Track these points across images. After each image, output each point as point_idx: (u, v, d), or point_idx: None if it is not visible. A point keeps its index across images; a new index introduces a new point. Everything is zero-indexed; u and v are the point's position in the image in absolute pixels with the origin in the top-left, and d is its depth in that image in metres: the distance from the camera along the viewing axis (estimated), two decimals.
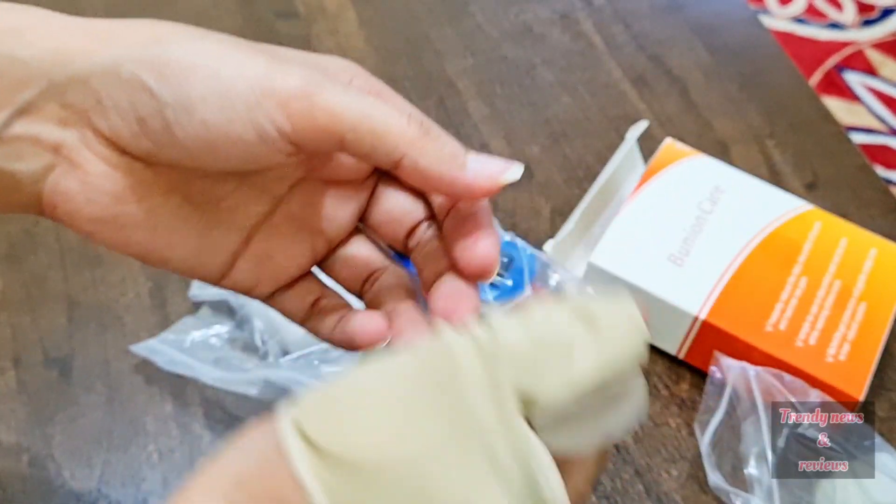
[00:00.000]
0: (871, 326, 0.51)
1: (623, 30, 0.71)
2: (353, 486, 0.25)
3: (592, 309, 0.27)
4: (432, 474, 0.25)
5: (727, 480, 0.47)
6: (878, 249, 0.54)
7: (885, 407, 0.52)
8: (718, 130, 0.65)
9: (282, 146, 0.28)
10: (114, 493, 0.47)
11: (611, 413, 0.28)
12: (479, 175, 0.29)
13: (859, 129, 1.33)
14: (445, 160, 0.29)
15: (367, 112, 0.28)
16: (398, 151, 0.28)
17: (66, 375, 0.52)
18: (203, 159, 0.29)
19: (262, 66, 0.28)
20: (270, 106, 0.27)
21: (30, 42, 0.28)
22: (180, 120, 0.27)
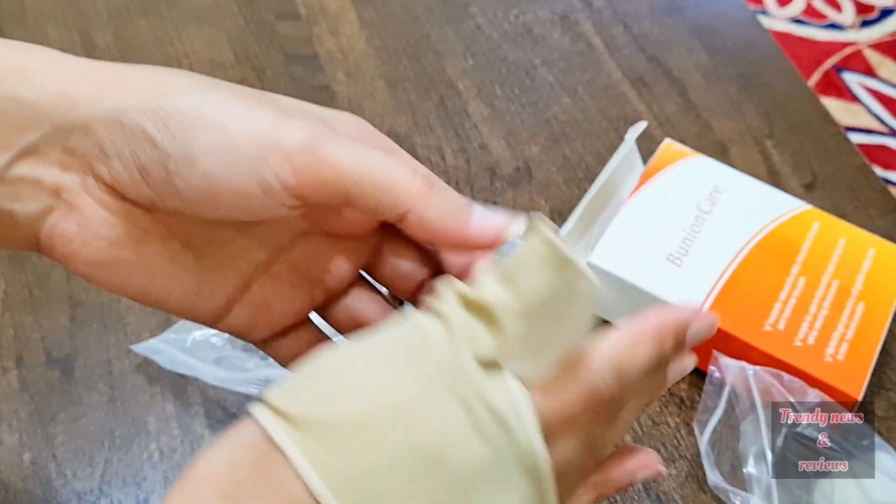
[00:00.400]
0: (870, 326, 0.51)
1: (623, 31, 0.71)
2: (334, 445, 0.25)
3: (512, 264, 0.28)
4: (411, 422, 0.26)
5: (726, 480, 0.47)
6: (877, 249, 0.54)
7: (884, 406, 0.52)
8: (717, 131, 0.65)
9: (285, 199, 0.28)
10: (115, 492, 0.48)
11: (566, 319, 0.28)
12: (483, 228, 0.29)
13: (858, 130, 1.33)
14: (450, 214, 0.29)
15: (372, 166, 0.28)
16: (403, 206, 0.28)
17: (68, 375, 0.52)
18: (204, 209, 0.29)
19: (268, 119, 0.28)
20: (275, 160, 0.27)
21: (35, 84, 0.28)
22: (182, 171, 0.27)
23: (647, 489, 0.49)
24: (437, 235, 0.29)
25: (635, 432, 0.51)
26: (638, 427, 0.51)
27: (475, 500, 0.26)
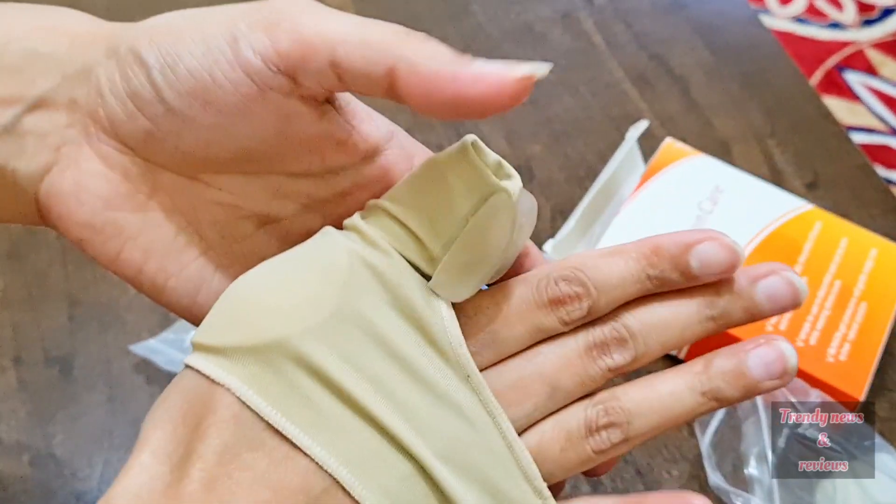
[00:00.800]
0: (872, 326, 0.51)
1: (624, 29, 0.71)
2: (264, 363, 0.26)
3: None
4: (341, 333, 0.26)
5: (728, 480, 0.47)
6: (879, 249, 0.54)
7: (886, 407, 0.52)
8: (719, 130, 0.65)
9: (271, 79, 0.26)
10: None
11: (491, 238, 0.28)
12: (487, 71, 0.25)
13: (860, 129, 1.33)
14: (445, 60, 0.25)
15: (357, 25, 0.26)
16: (393, 55, 0.25)
17: (67, 374, 0.52)
18: (200, 120, 0.27)
19: (243, 6, 0.27)
20: (254, 36, 0.26)
21: (54, 39, 0.28)
22: (167, 78, 0.26)
23: (649, 490, 0.49)
24: (434, 85, 0.25)
25: None
26: None
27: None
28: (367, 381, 0.26)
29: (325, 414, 0.26)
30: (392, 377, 0.26)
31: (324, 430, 0.25)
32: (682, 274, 0.28)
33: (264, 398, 0.25)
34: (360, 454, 0.26)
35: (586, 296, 0.28)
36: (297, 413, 0.25)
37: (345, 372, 0.26)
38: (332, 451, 0.25)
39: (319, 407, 0.26)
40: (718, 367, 0.28)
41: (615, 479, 0.49)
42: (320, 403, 0.26)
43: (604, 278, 0.28)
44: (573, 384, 0.28)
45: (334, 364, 0.26)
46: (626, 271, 0.28)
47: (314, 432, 0.25)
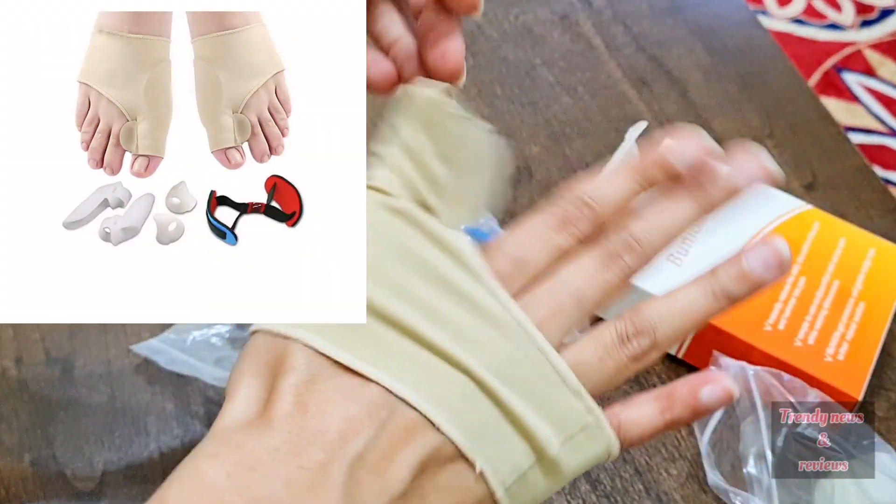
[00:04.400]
0: (870, 326, 0.51)
1: (623, 31, 0.71)
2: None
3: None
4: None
5: (726, 480, 0.47)
6: (877, 249, 0.54)
7: (884, 406, 0.52)
8: (717, 131, 0.65)
9: None
10: (115, 492, 0.47)
11: (479, 166, 0.33)
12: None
13: (858, 130, 1.33)
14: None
15: None
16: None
17: (68, 375, 0.52)
18: None
19: None
20: None
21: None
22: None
23: (647, 489, 0.49)
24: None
25: None
26: None
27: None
28: (419, 309, 0.30)
29: (386, 346, 0.29)
30: (441, 302, 0.30)
31: (388, 360, 0.29)
32: (669, 175, 0.33)
33: (329, 341, 0.29)
34: (423, 378, 0.29)
35: (590, 211, 0.32)
36: (362, 350, 0.29)
37: (397, 304, 0.30)
38: (398, 377, 0.28)
39: (381, 340, 0.29)
40: (724, 271, 0.33)
41: (614, 477, 0.49)
42: (381, 336, 0.29)
43: (604, 195, 0.33)
44: (596, 292, 0.32)
45: (386, 298, 0.30)
46: (621, 187, 0.33)
47: (381, 364, 0.29)
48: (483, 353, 0.30)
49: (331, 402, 0.28)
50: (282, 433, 0.27)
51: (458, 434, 0.29)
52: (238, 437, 0.28)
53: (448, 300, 0.30)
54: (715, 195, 0.33)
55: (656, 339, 0.32)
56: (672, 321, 0.32)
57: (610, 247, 0.32)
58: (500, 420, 0.30)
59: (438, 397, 0.29)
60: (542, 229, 0.32)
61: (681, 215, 0.33)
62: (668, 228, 0.33)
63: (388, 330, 0.30)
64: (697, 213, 0.33)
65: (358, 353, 0.29)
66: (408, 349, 0.29)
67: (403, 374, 0.29)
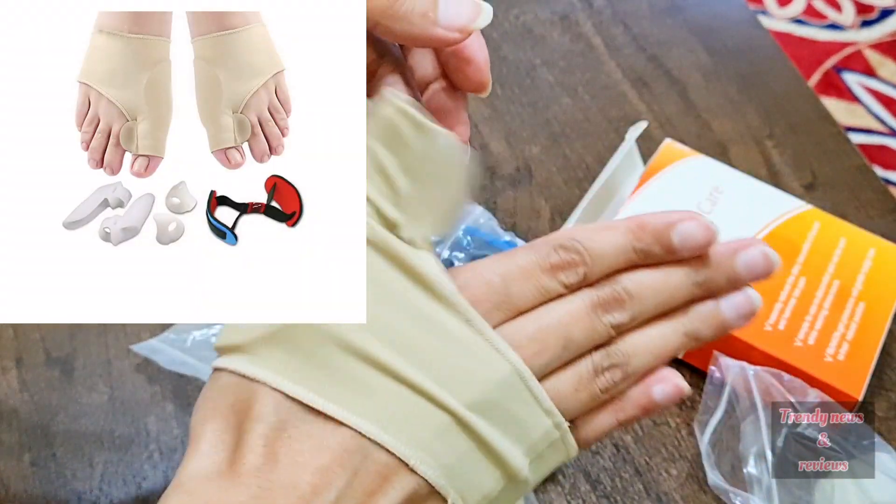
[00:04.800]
0: (870, 326, 0.51)
1: (623, 31, 0.71)
2: (289, 348, 0.29)
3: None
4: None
5: (726, 480, 0.47)
6: (877, 249, 0.54)
7: (884, 406, 0.52)
8: (717, 131, 0.65)
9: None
10: (115, 492, 0.48)
11: (446, 178, 0.32)
12: (450, 28, 0.31)
13: (858, 130, 1.33)
14: (416, 21, 0.30)
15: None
16: (371, 21, 0.30)
17: (68, 375, 0.52)
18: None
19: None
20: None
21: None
22: None
23: (647, 490, 0.49)
24: (409, 42, 0.32)
25: (635, 432, 0.51)
26: (638, 427, 0.51)
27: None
28: (390, 341, 0.29)
29: (358, 383, 0.28)
30: (413, 332, 0.29)
31: (360, 399, 0.28)
32: (665, 248, 0.32)
33: (297, 383, 0.28)
34: (396, 415, 0.28)
35: (582, 263, 0.31)
36: (330, 389, 0.28)
37: (367, 337, 0.29)
38: (369, 417, 0.28)
39: (352, 376, 0.28)
40: (697, 315, 0.33)
41: (614, 477, 0.49)
42: (352, 372, 0.28)
43: (598, 248, 0.32)
44: (583, 338, 0.31)
45: (356, 331, 0.29)
46: (616, 243, 0.32)
47: (352, 404, 0.28)
48: (457, 385, 0.29)
49: (301, 451, 0.27)
50: (251, 487, 0.27)
51: (433, 473, 0.28)
52: (206, 490, 0.27)
53: (420, 330, 0.29)
54: (717, 280, 0.32)
55: (628, 372, 0.32)
56: (644, 356, 0.32)
57: (601, 295, 0.32)
58: (475, 452, 0.29)
59: (412, 436, 0.28)
60: (533, 268, 0.32)
61: (676, 285, 0.32)
62: (661, 295, 0.32)
63: (359, 364, 0.29)
64: (694, 292, 0.32)
65: (327, 394, 0.28)
66: (380, 385, 0.29)
67: (376, 412, 0.28)
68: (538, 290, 0.31)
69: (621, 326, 0.32)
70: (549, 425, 0.31)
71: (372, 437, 0.28)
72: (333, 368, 0.28)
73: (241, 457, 0.27)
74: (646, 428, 0.51)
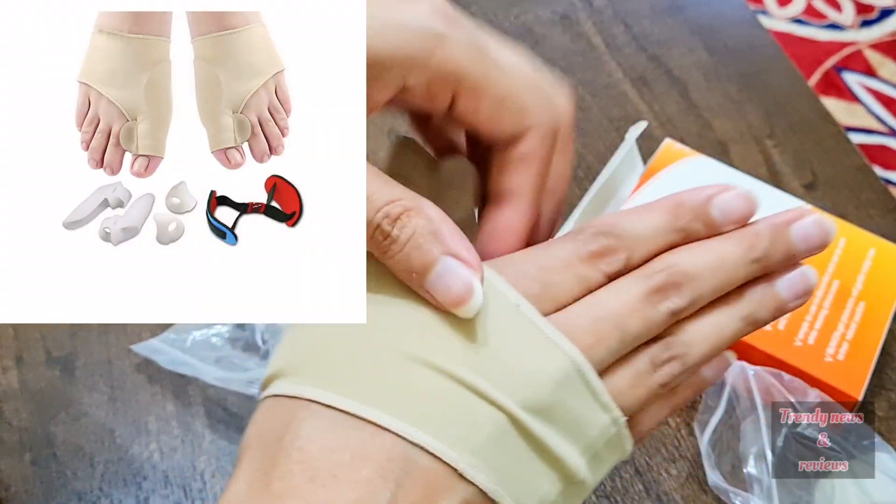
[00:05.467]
0: (870, 326, 0.51)
1: (623, 30, 0.71)
2: (329, 361, 0.28)
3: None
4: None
5: (727, 480, 0.47)
6: (877, 249, 0.54)
7: (884, 406, 0.52)
8: (718, 131, 0.65)
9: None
10: (116, 492, 0.48)
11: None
12: (436, 297, 0.28)
13: (858, 130, 1.33)
14: (401, 275, 0.28)
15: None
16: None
17: (69, 375, 0.52)
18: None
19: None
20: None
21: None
22: None
23: (647, 490, 0.49)
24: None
25: None
26: None
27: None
28: (433, 339, 0.27)
29: (399, 385, 0.27)
30: (457, 327, 0.27)
31: (401, 401, 0.26)
32: (706, 224, 0.30)
33: (335, 392, 0.26)
34: (441, 416, 0.26)
35: (623, 248, 0.29)
36: (372, 394, 0.26)
37: (408, 336, 0.27)
38: (413, 419, 0.26)
39: (392, 380, 0.27)
40: (754, 297, 0.31)
41: (614, 477, 0.49)
42: (393, 376, 0.27)
43: (636, 232, 0.30)
44: (640, 328, 0.29)
45: (395, 331, 0.27)
46: (655, 224, 0.30)
47: (391, 406, 0.26)
48: (510, 381, 0.27)
49: (340, 464, 0.25)
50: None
51: (485, 479, 0.26)
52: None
53: (467, 322, 0.27)
54: (774, 256, 0.30)
55: (688, 364, 0.30)
56: (703, 345, 0.30)
57: (656, 280, 0.29)
58: (530, 454, 0.27)
59: (461, 439, 0.26)
60: (571, 258, 0.29)
61: (733, 262, 0.30)
62: (719, 274, 0.30)
63: (402, 364, 0.27)
64: (752, 269, 0.30)
65: (368, 398, 0.26)
66: (425, 384, 0.27)
67: (420, 415, 0.26)
68: (579, 280, 0.29)
69: (680, 313, 0.29)
70: (606, 422, 0.29)
71: (416, 442, 0.26)
72: (376, 373, 0.27)
73: (278, 477, 0.26)
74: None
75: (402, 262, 0.28)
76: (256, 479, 0.26)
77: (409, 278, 0.28)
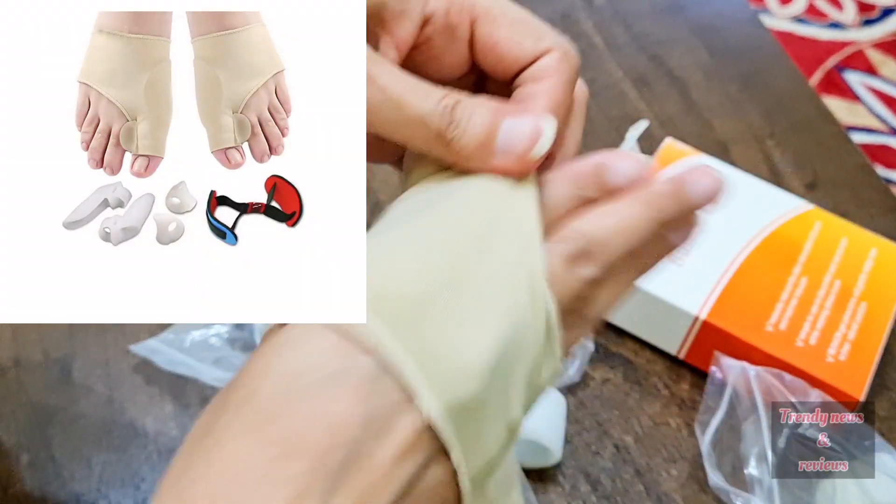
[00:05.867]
0: (872, 326, 0.51)
1: (623, 30, 0.71)
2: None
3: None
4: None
5: (727, 480, 0.47)
6: (879, 249, 0.54)
7: (886, 406, 0.52)
8: (718, 130, 0.65)
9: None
10: (113, 493, 0.47)
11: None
12: (507, 159, 0.30)
13: (859, 129, 1.33)
14: (472, 154, 0.30)
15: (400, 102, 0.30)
16: (427, 149, 0.30)
17: (67, 376, 0.52)
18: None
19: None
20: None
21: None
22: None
23: (648, 490, 0.49)
24: (466, 167, 0.31)
25: (635, 432, 0.51)
26: (639, 428, 0.51)
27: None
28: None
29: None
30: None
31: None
32: (602, 189, 0.33)
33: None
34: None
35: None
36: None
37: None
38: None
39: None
40: (664, 200, 0.34)
41: (614, 478, 0.49)
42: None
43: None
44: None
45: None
46: (557, 194, 0.32)
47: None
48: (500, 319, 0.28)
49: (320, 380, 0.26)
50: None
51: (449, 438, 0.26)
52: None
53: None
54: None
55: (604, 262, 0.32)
56: (616, 243, 0.32)
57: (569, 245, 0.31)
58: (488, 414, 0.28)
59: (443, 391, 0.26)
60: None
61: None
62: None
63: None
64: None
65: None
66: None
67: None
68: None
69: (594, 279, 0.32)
70: (557, 365, 0.30)
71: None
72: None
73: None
74: (646, 428, 0.51)
75: (472, 139, 0.30)
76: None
77: (480, 152, 0.30)
